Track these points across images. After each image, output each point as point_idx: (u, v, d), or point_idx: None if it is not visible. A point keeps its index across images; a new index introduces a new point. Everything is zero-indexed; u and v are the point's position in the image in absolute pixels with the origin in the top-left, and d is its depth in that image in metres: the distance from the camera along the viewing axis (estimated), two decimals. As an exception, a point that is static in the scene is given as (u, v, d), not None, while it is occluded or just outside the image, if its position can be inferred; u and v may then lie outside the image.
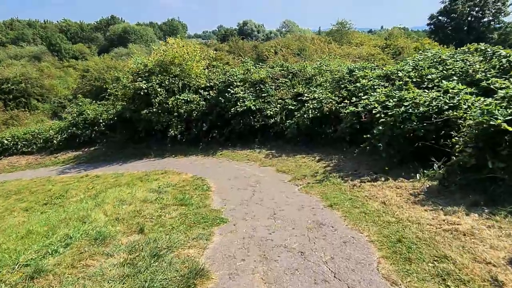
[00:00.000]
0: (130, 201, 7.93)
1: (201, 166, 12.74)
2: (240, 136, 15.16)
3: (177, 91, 16.49)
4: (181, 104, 16.21)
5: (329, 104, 12.07)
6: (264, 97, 14.80)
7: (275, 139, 14.22)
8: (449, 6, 50.10)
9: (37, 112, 43.96)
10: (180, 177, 11.11)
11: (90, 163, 17.35)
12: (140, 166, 14.76)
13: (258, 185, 9.29)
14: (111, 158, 17.46)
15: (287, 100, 14.01)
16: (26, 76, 47.35)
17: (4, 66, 52.29)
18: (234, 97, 15.03)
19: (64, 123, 21.31)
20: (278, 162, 11.65)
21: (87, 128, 20.01)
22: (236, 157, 13.37)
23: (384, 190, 7.36)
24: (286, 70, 15.81)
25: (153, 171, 13.07)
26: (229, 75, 16.10)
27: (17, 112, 37.13)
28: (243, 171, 11.24)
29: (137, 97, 16.63)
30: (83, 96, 23.28)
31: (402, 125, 8.28)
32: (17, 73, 47.73)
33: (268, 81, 15.39)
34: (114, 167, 15.52)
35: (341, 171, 9.47)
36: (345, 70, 13.75)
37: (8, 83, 47.30)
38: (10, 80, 47.32)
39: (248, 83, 15.69)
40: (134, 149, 17.89)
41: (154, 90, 15.97)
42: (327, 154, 11.62)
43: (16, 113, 37.12)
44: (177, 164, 13.90)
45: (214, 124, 15.78)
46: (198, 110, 16.00)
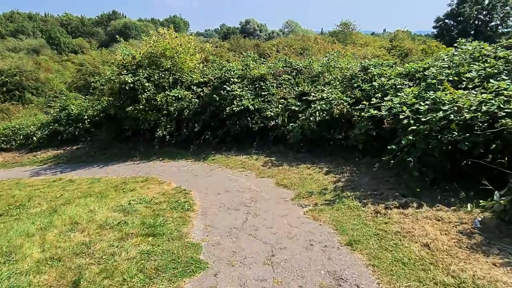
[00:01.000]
0: (84, 226, 5.97)
1: (188, 174, 10.77)
2: (236, 139, 13.20)
3: (168, 86, 14.52)
4: (171, 101, 14.25)
5: (340, 106, 10.11)
6: (264, 96, 12.83)
7: (276, 144, 12.25)
8: (456, 9, 48.12)
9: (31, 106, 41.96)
10: (161, 188, 9.15)
11: (70, 164, 15.38)
12: (122, 170, 12.80)
13: (254, 204, 7.32)
14: (93, 159, 15.49)
15: (290, 100, 12.04)
16: (21, 68, 45.34)
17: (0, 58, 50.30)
18: (230, 95, 13.06)
19: (46, 119, 19.33)
20: (278, 173, 9.68)
21: (71, 124, 18.04)
22: (230, 163, 11.40)
23: (420, 223, 5.39)
24: (290, 66, 13.84)
25: (134, 177, 11.11)
26: (225, 71, 14.11)
27: (7, 105, 35.07)
28: (236, 182, 9.27)
29: (122, 92, 14.67)
30: (77, 91, 21.36)
31: (440, 135, 6.32)
32: (11, 66, 45.76)
33: (269, 78, 13.42)
34: (94, 170, 13.54)
35: (357, 189, 7.50)
36: (358, 67, 11.79)
37: (2, 75, 45.35)
38: (4, 72, 45.29)
39: (246, 79, 13.72)
40: (119, 150, 15.92)
41: (141, 84, 13.99)
42: (336, 165, 9.65)
43: (7, 106, 35.08)
44: (162, 169, 11.94)
45: (208, 124, 13.81)
46: (190, 108, 14.02)
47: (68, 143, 18.26)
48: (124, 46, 15.32)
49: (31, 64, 49.18)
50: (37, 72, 46.77)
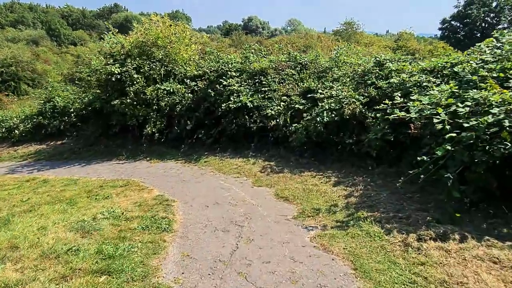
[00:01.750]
0: (21, 254, 4.49)
1: (175, 179, 9.30)
2: (232, 139, 11.71)
3: (159, 79, 13.02)
4: (162, 95, 12.76)
5: (351, 105, 8.63)
6: (264, 92, 11.34)
7: (276, 146, 10.77)
8: (463, 11, 46.55)
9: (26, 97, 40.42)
10: (140, 196, 7.67)
11: (51, 160, 13.90)
12: (104, 170, 11.32)
13: (247, 224, 5.85)
14: (77, 156, 14.00)
15: (294, 97, 10.55)
16: (17, 59, 43.82)
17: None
18: (227, 90, 11.57)
19: (30, 111, 17.82)
20: (278, 181, 8.21)
21: (56, 118, 16.54)
22: (224, 167, 9.92)
23: (471, 266, 3.92)
24: (294, 60, 12.34)
25: (114, 180, 9.63)
26: (222, 63, 12.61)
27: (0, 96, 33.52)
28: (229, 192, 7.80)
29: (109, 84, 13.18)
30: (73, 83, 19.86)
31: (488, 146, 4.85)
32: (7, 56, 44.20)
33: (271, 72, 11.92)
34: (75, 168, 12.06)
35: (375, 208, 6.02)
36: (371, 62, 10.31)
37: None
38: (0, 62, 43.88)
39: (245, 74, 12.23)
40: (106, 147, 14.43)
41: (129, 76, 12.50)
42: (346, 174, 8.18)
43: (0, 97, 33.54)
44: (148, 171, 10.46)
45: (201, 122, 12.31)
46: (182, 104, 12.52)
47: (52, 138, 16.76)
48: (112, 34, 13.81)
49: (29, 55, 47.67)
50: (34, 63, 45.28)
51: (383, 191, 6.79)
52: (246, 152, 11.04)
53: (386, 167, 8.09)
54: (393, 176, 7.58)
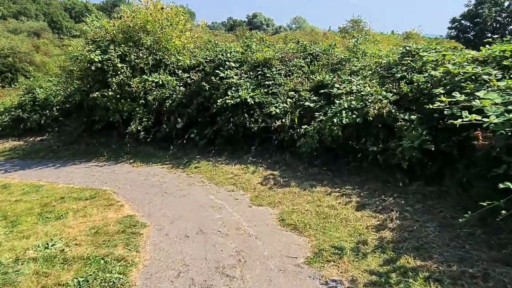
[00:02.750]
0: None
1: (156, 189, 7.40)
2: (228, 140, 9.81)
3: (147, 69, 11.10)
4: (150, 88, 10.84)
5: (378, 104, 6.70)
6: (267, 87, 9.42)
7: (281, 151, 8.87)
8: (473, 10, 44.37)
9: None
10: (103, 217, 5.78)
11: (25, 159, 12.02)
12: (78, 174, 9.43)
13: (240, 272, 3.96)
14: (54, 155, 12.12)
15: (303, 93, 8.62)
16: (15, 50, 41.96)
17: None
18: (224, 83, 9.64)
19: (10, 103, 15.94)
20: (283, 198, 6.31)
21: (36, 111, 14.67)
22: (217, 176, 8.01)
23: None
24: (303, 50, 10.41)
25: (82, 189, 7.75)
26: (220, 52, 10.66)
27: (-7, 87, 31.68)
28: (220, 212, 5.91)
29: (89, 74, 11.28)
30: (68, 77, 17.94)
31: None
32: (4, 46, 42.37)
33: (276, 63, 9.99)
34: (47, 170, 10.18)
35: (425, 252, 4.09)
36: (396, 53, 8.38)
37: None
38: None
39: (246, 65, 10.29)
40: (87, 146, 12.55)
41: (112, 65, 10.58)
42: (371, 192, 6.27)
43: (-7, 89, 31.71)
44: (126, 177, 8.57)
45: (194, 120, 10.40)
46: (173, 98, 10.59)
47: (32, 133, 14.90)
48: (95, 16, 11.88)
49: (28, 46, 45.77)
50: (32, 54, 43.38)
51: (428, 222, 4.87)
52: (245, 157, 9.15)
53: (423, 184, 6.17)
54: (435, 198, 5.69)
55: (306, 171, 7.74)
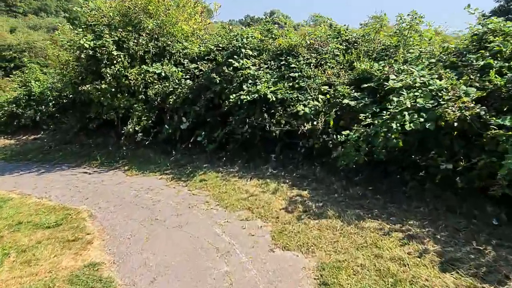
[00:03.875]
0: None
1: (146, 212, 5.44)
2: (243, 146, 7.81)
3: (148, 59, 9.16)
4: (151, 80, 8.91)
5: (457, 104, 4.56)
6: (293, 80, 7.35)
7: (309, 162, 6.81)
8: (505, 6, 41.07)
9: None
10: (53, 268, 3.86)
11: (10, 162, 10.27)
12: (60, 183, 7.56)
13: None
14: (43, 157, 10.33)
15: (341, 88, 6.52)
16: (31, 44, 40.95)
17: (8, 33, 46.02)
18: (239, 74, 7.62)
19: (5, 98, 14.28)
20: (320, 238, 4.25)
21: (32, 107, 12.95)
22: (227, 194, 5.99)
23: None
24: (337, 35, 8.29)
25: (55, 207, 5.88)
26: (234, 37, 8.61)
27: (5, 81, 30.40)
28: (227, 260, 3.91)
29: (82, 64, 9.43)
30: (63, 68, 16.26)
31: None
32: (21, 41, 41.41)
33: (303, 51, 7.90)
34: (26, 177, 8.38)
35: None
36: (470, 35, 6.21)
37: (10, 50, 41.01)
38: (13, 48, 41.05)
39: (266, 53, 8.24)
40: (81, 147, 10.74)
41: (107, 52, 8.69)
42: (450, 232, 4.16)
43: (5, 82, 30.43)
44: (115, 192, 6.64)
45: (202, 120, 8.42)
46: (178, 94, 8.62)
47: (26, 131, 13.21)
48: (90, -4, 10.00)
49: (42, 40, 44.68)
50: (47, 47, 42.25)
51: None
52: (263, 167, 7.13)
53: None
54: None
55: (345, 191, 5.67)
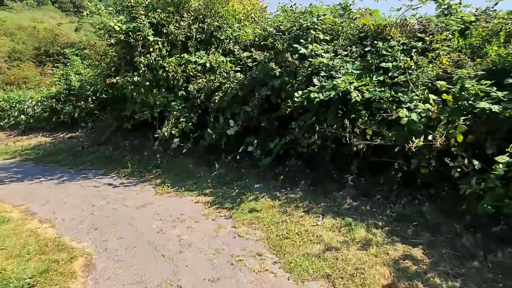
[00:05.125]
0: None
1: (168, 272, 3.48)
2: (309, 162, 5.69)
3: (191, 46, 7.28)
4: (193, 73, 7.03)
5: None
6: (384, 72, 5.07)
7: (408, 193, 4.53)
8: None
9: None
10: None
11: (38, 164, 8.95)
12: (75, 200, 5.91)
13: None
14: (72, 160, 8.89)
15: (470, 83, 4.17)
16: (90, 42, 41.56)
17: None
18: (306, 65, 5.47)
19: (46, 92, 13.26)
20: None
21: (71, 102, 11.72)
22: (289, 241, 3.87)
23: None
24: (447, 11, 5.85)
25: (51, 241, 4.14)
26: (300, 15, 6.44)
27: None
28: None
29: (115, 52, 7.82)
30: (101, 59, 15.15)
31: None
32: (82, 39, 42.19)
33: (396, 34, 5.57)
34: (44, 186, 6.88)
35: None
36: None
37: (72, 47, 41.91)
38: (76, 45, 41.94)
39: (343, 37, 6.00)
40: (114, 149, 9.22)
41: (142, 38, 6.94)
42: None
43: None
44: (134, 220, 4.80)
45: (254, 124, 6.39)
46: (225, 90, 6.65)
47: (65, 128, 12.01)
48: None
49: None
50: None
51: None
52: (337, 195, 4.95)
53: None
54: None
55: (487, 255, 3.32)
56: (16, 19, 44.52)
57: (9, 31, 39.20)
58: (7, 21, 42.29)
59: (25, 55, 36.19)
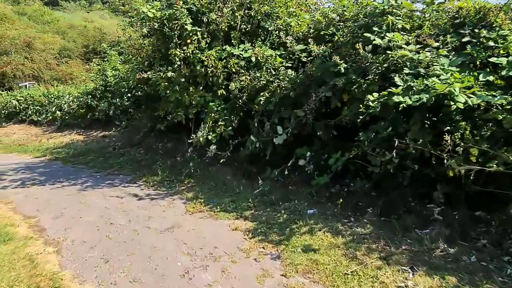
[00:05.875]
0: None
1: None
2: (380, 185, 4.39)
3: (235, 37, 6.18)
4: (235, 69, 5.92)
5: None
6: (493, 69, 3.69)
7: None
8: None
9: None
10: None
11: (65, 164, 8.28)
12: (96, 211, 5.01)
13: None
14: (102, 162, 8.11)
15: None
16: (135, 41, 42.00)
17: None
18: (380, 60, 4.18)
19: (84, 88, 12.74)
20: None
21: (107, 99, 11.06)
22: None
23: None
24: None
25: (46, 278, 3.16)
26: (372, -2, 5.19)
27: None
28: None
29: (149, 43, 6.92)
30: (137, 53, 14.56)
31: None
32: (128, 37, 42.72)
33: (505, 20, 4.15)
34: (63, 192, 6.08)
35: None
36: None
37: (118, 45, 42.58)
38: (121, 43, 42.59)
39: (429, 24, 4.63)
40: (146, 153, 8.33)
41: (178, 27, 5.95)
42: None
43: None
44: (156, 253, 3.73)
45: (307, 132, 5.15)
46: (273, 89, 5.48)
47: (99, 126, 11.38)
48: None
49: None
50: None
51: None
52: (424, 234, 3.61)
53: None
54: None
55: None
56: (69, 18, 46.03)
57: (61, 29, 40.42)
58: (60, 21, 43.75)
59: (74, 53, 37.05)
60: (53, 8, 51.54)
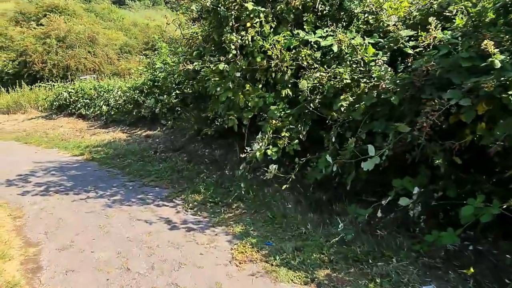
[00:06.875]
0: None
1: None
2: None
3: (308, 22, 4.62)
4: (307, 62, 4.35)
5: None
6: None
7: None
8: None
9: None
10: None
11: (101, 167, 7.21)
12: (113, 246, 3.72)
13: None
14: (139, 168, 6.89)
15: None
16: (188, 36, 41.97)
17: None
18: None
19: (133, 82, 11.84)
20: None
21: (154, 95, 10.00)
22: None
23: None
24: None
25: None
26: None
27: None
28: None
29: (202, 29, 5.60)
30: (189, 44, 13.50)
31: None
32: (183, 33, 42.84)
33: None
34: (89, 207, 4.91)
35: None
36: None
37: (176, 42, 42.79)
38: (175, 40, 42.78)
39: None
40: (189, 161, 6.99)
41: (236, 4, 4.52)
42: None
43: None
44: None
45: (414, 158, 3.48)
46: (359, 92, 3.87)
47: (144, 124, 10.35)
48: None
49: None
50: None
51: None
52: None
53: None
54: None
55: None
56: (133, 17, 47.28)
57: (125, 27, 41.40)
58: (125, 18, 44.95)
59: (134, 49, 37.62)
60: (120, 7, 53.47)
